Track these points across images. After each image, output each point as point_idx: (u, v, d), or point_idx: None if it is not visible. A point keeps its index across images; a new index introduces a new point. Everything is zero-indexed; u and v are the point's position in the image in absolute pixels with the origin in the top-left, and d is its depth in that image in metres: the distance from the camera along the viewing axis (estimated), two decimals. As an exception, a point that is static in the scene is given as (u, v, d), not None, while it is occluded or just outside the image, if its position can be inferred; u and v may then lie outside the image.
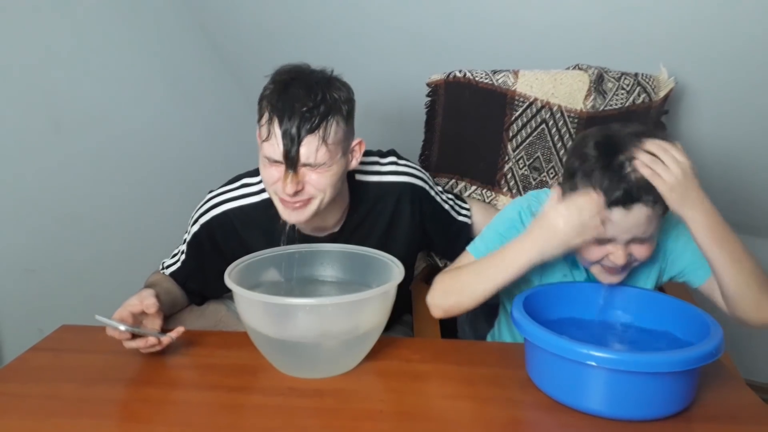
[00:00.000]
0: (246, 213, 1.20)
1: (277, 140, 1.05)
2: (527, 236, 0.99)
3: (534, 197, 1.15)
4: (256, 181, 1.22)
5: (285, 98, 1.04)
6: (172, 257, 1.27)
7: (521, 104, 1.46)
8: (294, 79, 1.06)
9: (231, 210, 1.20)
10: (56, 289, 1.75)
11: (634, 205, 0.94)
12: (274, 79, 1.08)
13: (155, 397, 0.94)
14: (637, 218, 0.94)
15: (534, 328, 0.90)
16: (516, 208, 1.12)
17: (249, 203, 1.21)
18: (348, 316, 0.97)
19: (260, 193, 1.21)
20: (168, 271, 1.26)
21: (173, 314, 1.19)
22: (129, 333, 1.00)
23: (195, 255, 1.24)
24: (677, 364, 0.83)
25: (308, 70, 1.09)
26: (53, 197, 1.74)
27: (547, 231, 0.96)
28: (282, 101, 1.04)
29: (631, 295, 1.06)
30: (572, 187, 0.98)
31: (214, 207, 1.21)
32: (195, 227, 1.22)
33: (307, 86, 1.05)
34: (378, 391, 0.97)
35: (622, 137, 0.97)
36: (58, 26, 1.72)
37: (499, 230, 1.12)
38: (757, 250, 1.90)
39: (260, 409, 0.91)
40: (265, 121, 1.06)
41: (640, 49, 1.51)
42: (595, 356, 0.83)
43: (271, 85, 1.08)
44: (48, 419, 0.88)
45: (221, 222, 1.20)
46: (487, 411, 0.91)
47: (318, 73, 1.09)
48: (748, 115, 1.53)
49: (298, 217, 1.12)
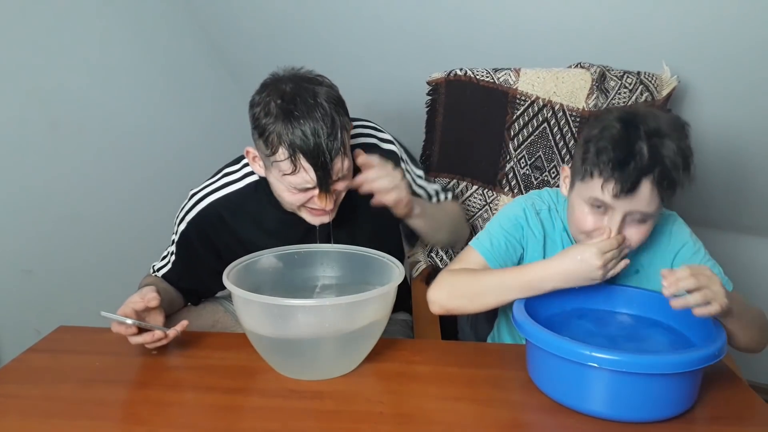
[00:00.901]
0: (232, 201, 1.20)
1: (309, 175, 1.05)
2: (557, 264, 0.98)
3: (537, 196, 1.14)
4: (237, 168, 1.22)
5: (299, 131, 1.01)
6: (161, 259, 1.27)
7: (523, 103, 1.45)
8: (293, 102, 1.03)
9: (217, 201, 1.19)
10: (54, 289, 1.74)
11: (642, 179, 0.93)
12: (267, 107, 1.04)
13: (153, 398, 0.94)
14: (642, 191, 0.93)
15: (535, 329, 0.89)
16: (521, 206, 1.12)
17: (234, 190, 1.20)
18: (347, 317, 0.96)
19: (244, 179, 1.21)
20: (159, 273, 1.25)
21: (171, 314, 1.18)
22: (135, 328, 1.00)
23: (185, 254, 1.23)
24: (680, 365, 0.83)
25: (298, 87, 1.05)
26: (51, 198, 1.73)
27: (581, 264, 0.96)
28: (299, 136, 1.02)
29: (635, 295, 1.06)
30: (584, 159, 0.98)
31: (199, 202, 1.20)
32: (182, 226, 1.21)
33: (309, 108, 1.02)
34: (378, 392, 0.96)
35: (643, 112, 0.98)
36: (55, 26, 1.71)
37: (504, 227, 1.11)
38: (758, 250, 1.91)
39: (259, 411, 0.90)
40: (284, 157, 1.03)
41: (643, 47, 1.50)
42: (597, 357, 0.83)
43: (270, 115, 1.03)
44: (46, 420, 0.88)
45: (209, 215, 1.19)
46: (488, 413, 0.91)
47: (306, 84, 1.06)
48: (750, 113, 1.53)
49: (326, 219, 1.14)
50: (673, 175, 0.93)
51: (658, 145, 0.92)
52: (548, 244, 1.10)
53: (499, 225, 1.12)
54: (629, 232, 0.97)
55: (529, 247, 1.10)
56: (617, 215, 0.96)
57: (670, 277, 0.86)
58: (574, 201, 1.02)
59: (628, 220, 0.97)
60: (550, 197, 1.13)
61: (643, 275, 1.08)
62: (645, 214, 0.96)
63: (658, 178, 0.92)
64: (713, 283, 0.87)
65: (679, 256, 1.07)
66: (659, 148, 0.92)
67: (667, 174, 0.92)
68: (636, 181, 0.92)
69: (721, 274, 1.04)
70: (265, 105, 1.05)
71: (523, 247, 1.10)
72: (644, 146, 0.92)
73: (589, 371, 0.84)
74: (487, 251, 1.09)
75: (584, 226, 1.00)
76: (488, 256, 1.09)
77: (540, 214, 1.10)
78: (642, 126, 0.93)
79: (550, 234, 1.10)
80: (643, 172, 0.92)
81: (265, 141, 1.05)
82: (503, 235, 1.09)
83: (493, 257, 1.09)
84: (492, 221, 1.14)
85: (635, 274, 1.09)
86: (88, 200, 1.82)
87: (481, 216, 1.52)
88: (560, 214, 1.11)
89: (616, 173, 0.93)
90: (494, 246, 1.09)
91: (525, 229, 1.09)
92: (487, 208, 1.51)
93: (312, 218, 1.14)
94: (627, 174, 0.92)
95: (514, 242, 1.10)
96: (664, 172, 0.92)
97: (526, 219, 1.10)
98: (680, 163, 0.93)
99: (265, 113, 1.04)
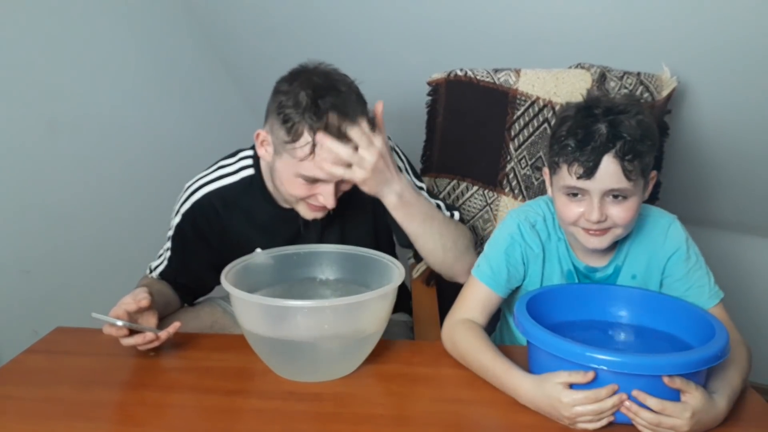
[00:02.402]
0: (224, 195, 1.20)
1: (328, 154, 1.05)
2: (532, 393, 0.89)
3: (529, 207, 1.13)
4: (232, 161, 1.23)
5: (326, 120, 1.04)
6: (158, 258, 1.26)
7: (523, 103, 1.44)
8: (324, 95, 1.04)
9: (211, 192, 1.20)
10: (51, 290, 1.73)
11: (603, 156, 0.95)
12: (297, 97, 1.05)
13: (151, 400, 0.93)
14: (607, 168, 0.95)
15: (537, 330, 0.89)
16: (515, 221, 1.10)
17: (227, 184, 1.20)
18: (347, 319, 0.96)
19: (238, 173, 1.21)
20: (156, 272, 1.25)
21: (167, 316, 1.18)
22: (126, 329, 0.99)
23: (181, 248, 1.23)
24: (682, 366, 0.83)
25: (329, 80, 1.07)
26: (48, 198, 1.72)
27: (544, 400, 0.87)
28: (325, 122, 1.04)
29: (637, 296, 1.05)
30: (551, 152, 1.01)
31: (194, 193, 1.20)
32: (177, 218, 1.22)
33: (339, 101, 1.05)
34: (378, 394, 0.96)
35: (596, 96, 1.01)
36: (52, 25, 1.71)
37: (501, 248, 1.09)
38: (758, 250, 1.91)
39: (258, 414, 0.90)
40: (306, 142, 1.04)
41: (643, 48, 1.50)
42: (599, 359, 0.83)
43: (299, 105, 1.04)
44: (43, 422, 0.88)
45: (202, 206, 1.20)
46: (489, 414, 0.90)
47: (336, 77, 1.09)
48: (750, 114, 1.53)
49: (320, 214, 1.14)
50: (635, 146, 0.94)
51: (614, 123, 0.95)
52: (547, 256, 1.10)
53: (497, 247, 1.10)
54: (612, 211, 0.98)
55: (530, 261, 1.10)
56: (594, 197, 0.97)
57: (633, 406, 0.84)
58: (555, 195, 1.05)
59: (608, 201, 0.98)
60: (544, 206, 1.12)
61: (639, 281, 1.08)
62: (621, 191, 0.97)
63: (620, 152, 0.94)
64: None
65: (671, 260, 1.06)
66: (616, 126, 0.95)
67: (629, 146, 0.94)
68: (597, 158, 0.95)
69: (711, 284, 1.05)
70: (294, 95, 1.05)
71: (525, 263, 1.10)
72: (602, 126, 0.95)
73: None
74: (490, 279, 1.08)
75: (568, 217, 1.02)
76: (492, 285, 1.08)
77: (536, 227, 1.09)
78: (596, 109, 0.97)
79: (547, 245, 1.10)
80: (603, 150, 0.95)
81: (289, 128, 1.05)
82: (503, 258, 1.09)
83: (497, 284, 1.08)
84: (489, 243, 1.13)
85: (632, 279, 1.09)
86: (86, 200, 1.82)
87: (481, 217, 1.51)
88: (555, 222, 1.11)
89: (578, 155, 0.96)
90: (495, 272, 1.08)
91: (523, 246, 1.09)
92: (488, 208, 1.51)
93: (308, 212, 1.14)
94: (587, 154, 0.95)
95: (514, 262, 1.09)
96: (625, 145, 0.94)
97: (521, 235, 1.09)
98: (639, 135, 0.95)
99: (294, 103, 1.05)
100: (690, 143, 1.65)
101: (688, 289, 1.05)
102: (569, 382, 0.85)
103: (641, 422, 0.84)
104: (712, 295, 1.04)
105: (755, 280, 1.94)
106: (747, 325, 1.85)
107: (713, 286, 1.05)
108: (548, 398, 0.86)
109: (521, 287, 1.12)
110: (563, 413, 0.85)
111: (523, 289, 1.12)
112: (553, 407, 0.86)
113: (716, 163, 1.68)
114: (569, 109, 1.01)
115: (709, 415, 0.84)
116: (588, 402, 0.84)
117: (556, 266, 1.10)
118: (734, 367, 0.93)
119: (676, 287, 1.06)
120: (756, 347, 1.66)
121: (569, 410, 0.84)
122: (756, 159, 1.63)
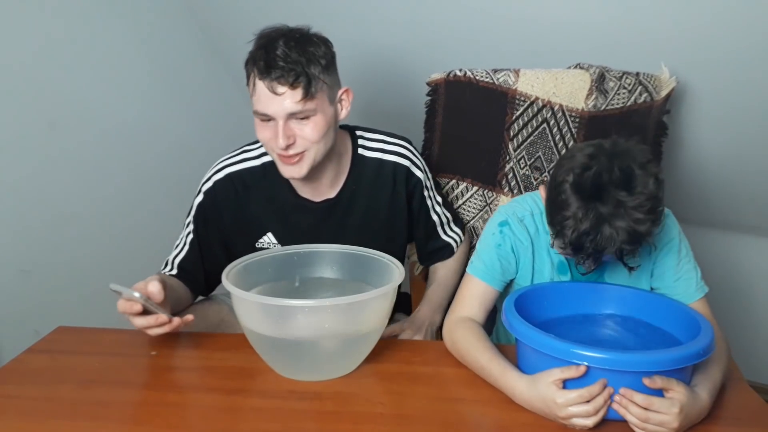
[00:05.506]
0: (244, 177, 1.23)
1: (263, 94, 1.09)
2: (526, 393, 0.89)
3: (516, 203, 1.14)
4: (255, 147, 1.26)
5: (267, 55, 1.08)
6: (175, 248, 1.27)
7: (522, 103, 1.45)
8: (274, 38, 1.11)
9: (233, 173, 1.23)
10: (53, 290, 1.73)
11: (601, 256, 0.94)
12: (256, 41, 1.13)
13: (152, 399, 0.94)
14: (607, 261, 0.97)
15: (523, 326, 0.90)
16: (503, 216, 1.11)
17: (248, 167, 1.24)
18: (347, 318, 0.96)
19: (260, 157, 1.24)
20: (176, 261, 1.24)
21: (176, 313, 1.17)
22: (141, 307, 0.97)
23: (203, 227, 1.24)
24: (670, 362, 0.84)
25: (286, 29, 1.14)
26: (48, 197, 1.72)
27: (538, 401, 0.88)
28: (264, 58, 1.08)
29: (626, 295, 1.06)
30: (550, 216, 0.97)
31: (218, 172, 1.24)
32: (199, 197, 1.24)
33: (287, 43, 1.10)
34: (378, 393, 0.96)
35: (604, 183, 0.89)
36: (52, 23, 1.71)
37: (492, 243, 1.10)
38: (758, 250, 1.92)
39: (259, 412, 0.90)
40: (251, 79, 1.11)
41: (642, 48, 1.50)
42: (584, 356, 0.84)
43: (253, 47, 1.12)
44: (45, 421, 0.88)
45: (224, 185, 1.23)
46: (489, 413, 0.91)
47: (296, 30, 1.14)
48: (749, 114, 1.53)
49: (298, 172, 1.15)
50: (635, 246, 0.91)
51: (618, 226, 0.88)
52: (536, 249, 1.11)
53: (488, 242, 1.11)
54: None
55: (521, 254, 1.11)
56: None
57: (623, 401, 0.84)
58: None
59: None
60: (532, 201, 1.13)
61: (634, 274, 1.08)
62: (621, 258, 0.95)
63: (619, 254, 0.92)
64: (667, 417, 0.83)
65: (663, 251, 1.07)
66: (619, 229, 0.88)
67: (629, 248, 0.91)
68: (596, 259, 0.94)
69: (698, 278, 1.06)
70: (254, 43, 1.12)
71: (516, 255, 1.11)
72: (605, 228, 0.88)
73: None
74: (485, 273, 1.09)
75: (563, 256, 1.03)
76: (487, 278, 1.09)
77: (524, 221, 1.10)
78: (605, 198, 0.89)
79: (535, 239, 1.10)
80: (601, 254, 0.92)
81: (246, 72, 1.13)
82: (494, 252, 1.10)
83: (491, 278, 1.09)
84: (480, 240, 1.14)
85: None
86: (86, 199, 1.82)
87: (481, 217, 1.52)
88: (543, 217, 1.11)
89: (577, 254, 0.94)
90: (488, 266, 1.09)
91: (512, 239, 1.10)
92: (487, 208, 1.51)
93: (284, 169, 1.16)
94: (586, 257, 0.93)
95: (505, 255, 1.10)
96: (624, 249, 0.91)
97: (510, 228, 1.10)
98: (644, 231, 0.89)
99: (249, 57, 1.12)
100: (688, 143, 1.65)
101: (677, 280, 1.06)
102: (562, 378, 0.85)
103: (631, 418, 0.84)
104: (698, 289, 1.06)
105: (754, 280, 1.94)
106: (745, 324, 1.87)
107: (700, 281, 1.06)
108: (543, 399, 0.87)
109: (514, 281, 1.13)
110: (558, 413, 0.85)
111: (515, 283, 1.14)
112: (548, 408, 0.86)
113: (716, 162, 1.68)
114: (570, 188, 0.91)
115: (695, 409, 0.85)
116: (582, 401, 0.84)
117: (546, 258, 1.11)
118: (715, 361, 0.93)
119: (665, 278, 1.07)
120: (754, 347, 1.67)
121: (563, 411, 0.85)
122: (755, 159, 1.63)
